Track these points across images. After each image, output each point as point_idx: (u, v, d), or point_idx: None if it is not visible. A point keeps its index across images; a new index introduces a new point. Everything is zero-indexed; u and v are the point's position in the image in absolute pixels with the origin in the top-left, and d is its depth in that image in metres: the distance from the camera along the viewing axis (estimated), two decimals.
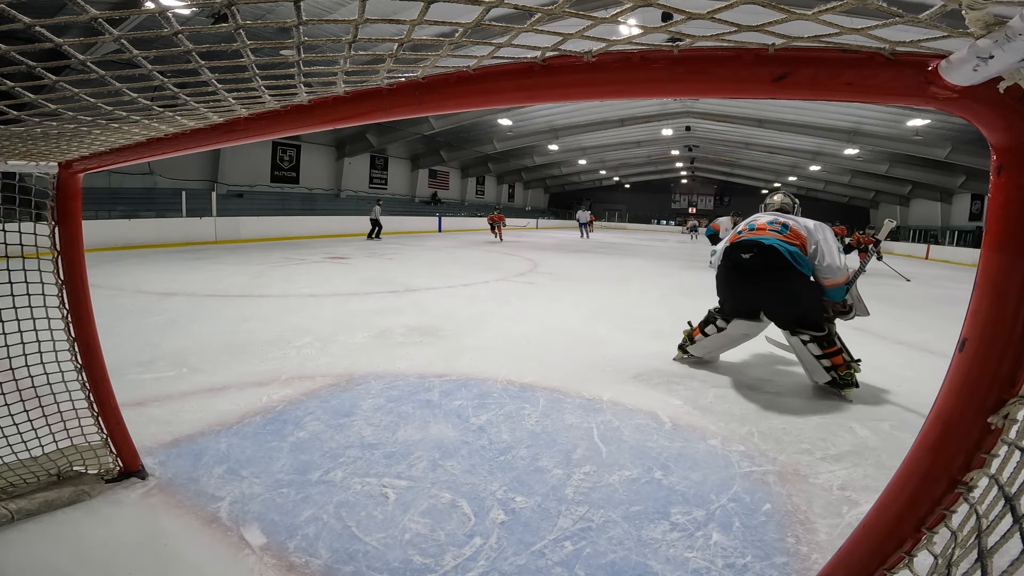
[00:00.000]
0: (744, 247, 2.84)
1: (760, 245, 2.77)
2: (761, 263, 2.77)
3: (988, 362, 0.60)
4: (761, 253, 2.76)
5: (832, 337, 2.77)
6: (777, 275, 2.74)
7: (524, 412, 2.43)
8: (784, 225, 2.87)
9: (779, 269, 2.73)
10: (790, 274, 2.71)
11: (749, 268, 2.81)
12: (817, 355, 2.73)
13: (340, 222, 16.13)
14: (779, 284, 2.74)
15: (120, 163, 1.39)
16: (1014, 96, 0.51)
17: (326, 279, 6.72)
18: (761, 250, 2.76)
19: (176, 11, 0.76)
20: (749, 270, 2.81)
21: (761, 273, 2.78)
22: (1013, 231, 0.57)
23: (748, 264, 2.81)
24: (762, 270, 2.77)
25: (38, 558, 1.34)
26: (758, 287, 2.83)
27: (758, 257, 2.77)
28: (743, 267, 2.83)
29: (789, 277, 2.72)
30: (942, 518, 0.67)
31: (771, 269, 2.74)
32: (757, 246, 2.78)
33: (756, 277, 2.81)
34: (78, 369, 1.63)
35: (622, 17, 0.58)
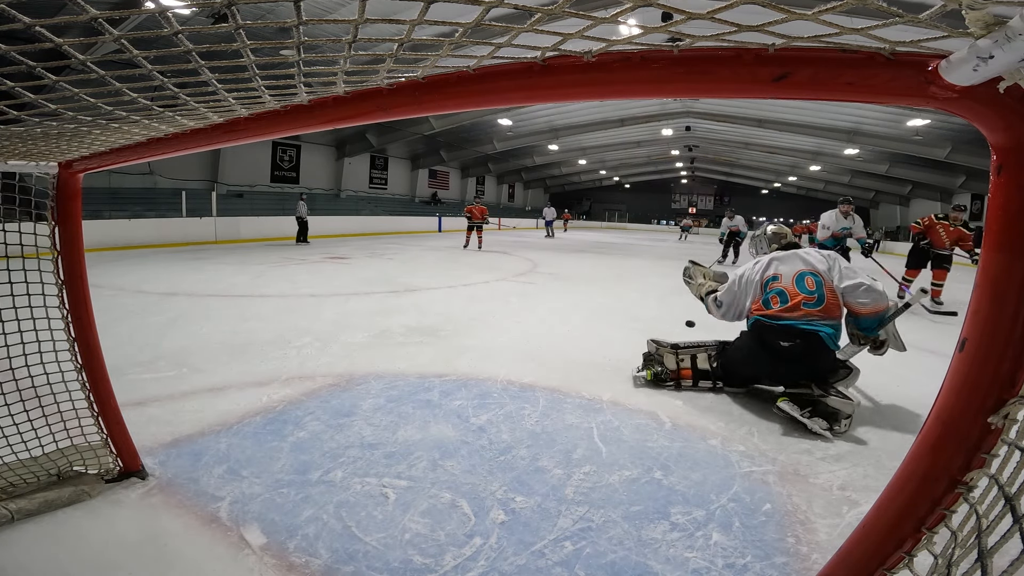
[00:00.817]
0: (783, 334, 2.47)
1: (803, 334, 2.45)
2: (803, 349, 2.45)
3: (988, 362, 0.60)
4: (805, 344, 2.44)
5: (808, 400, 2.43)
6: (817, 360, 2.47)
7: (524, 412, 2.43)
8: (819, 291, 2.50)
9: (819, 353, 2.46)
10: (826, 356, 2.48)
11: (787, 357, 2.47)
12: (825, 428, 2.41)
13: (340, 222, 16.13)
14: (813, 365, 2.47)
15: (120, 163, 1.39)
16: (1014, 96, 0.51)
17: (326, 279, 6.72)
18: (805, 341, 2.44)
19: (176, 11, 0.76)
20: (786, 359, 2.48)
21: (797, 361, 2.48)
22: (1013, 231, 0.57)
23: (787, 353, 2.47)
24: (803, 355, 2.46)
25: (38, 558, 1.34)
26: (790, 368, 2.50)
27: (800, 348, 2.45)
28: (781, 355, 2.48)
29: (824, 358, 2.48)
30: (942, 518, 0.67)
31: (811, 354, 2.46)
32: (800, 335, 2.45)
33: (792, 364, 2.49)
34: (78, 369, 1.63)
35: (622, 17, 0.58)
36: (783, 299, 2.53)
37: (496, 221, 27.98)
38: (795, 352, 2.45)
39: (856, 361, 2.70)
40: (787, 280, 2.56)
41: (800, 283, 2.52)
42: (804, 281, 2.52)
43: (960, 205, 6.39)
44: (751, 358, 2.63)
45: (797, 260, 2.61)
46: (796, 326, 2.46)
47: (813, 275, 2.52)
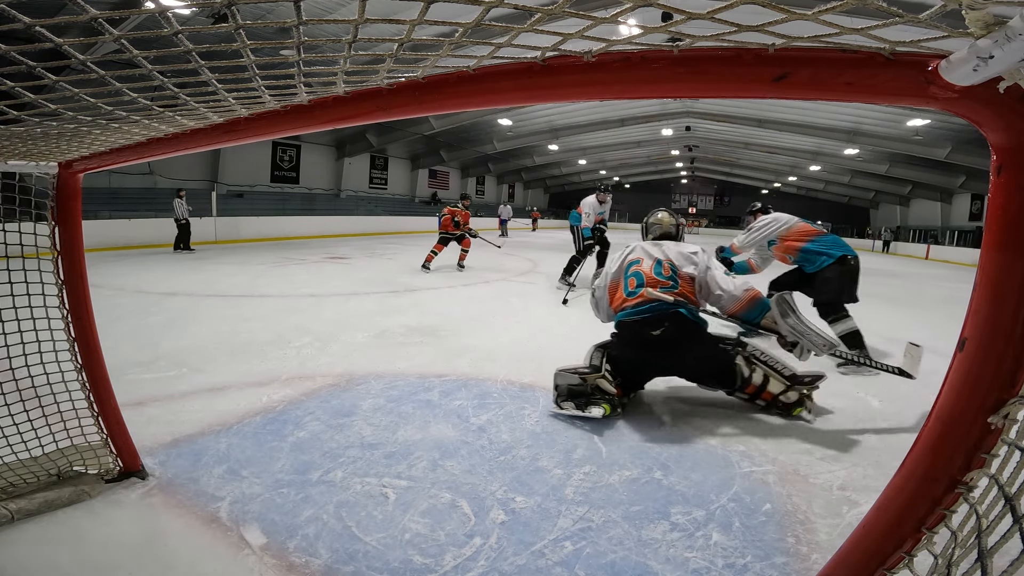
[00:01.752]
0: (649, 324, 2.39)
1: (668, 316, 2.38)
2: (674, 332, 2.37)
3: (988, 362, 0.60)
4: (673, 326, 2.37)
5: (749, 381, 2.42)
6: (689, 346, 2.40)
7: (524, 412, 2.42)
8: (673, 274, 2.50)
9: (689, 338, 2.39)
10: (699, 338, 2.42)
11: (661, 344, 2.39)
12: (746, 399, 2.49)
13: (340, 222, 16.13)
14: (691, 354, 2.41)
15: (120, 163, 1.39)
16: (1014, 96, 0.51)
17: (326, 279, 6.72)
18: (673, 322, 2.38)
19: (176, 11, 0.76)
20: (660, 346, 2.39)
21: (672, 346, 2.39)
22: (1013, 231, 0.57)
23: (660, 341, 2.38)
24: (673, 342, 2.38)
25: (38, 558, 1.34)
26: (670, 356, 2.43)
27: (670, 331, 2.37)
28: (655, 343, 2.39)
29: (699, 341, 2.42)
30: (942, 518, 0.67)
31: (682, 341, 2.39)
32: (667, 318, 2.38)
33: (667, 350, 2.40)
34: (78, 369, 1.63)
35: (622, 17, 0.58)
36: (639, 281, 2.51)
37: (532, 218, 26.76)
38: (668, 337, 2.37)
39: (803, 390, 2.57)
40: (646, 265, 2.56)
41: (657, 271, 2.53)
42: (661, 270, 2.53)
43: None
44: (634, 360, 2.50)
45: (661, 251, 2.61)
46: (656, 309, 2.41)
47: (672, 266, 2.53)
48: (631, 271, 2.57)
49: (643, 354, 2.47)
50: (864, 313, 5.89)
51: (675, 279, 2.50)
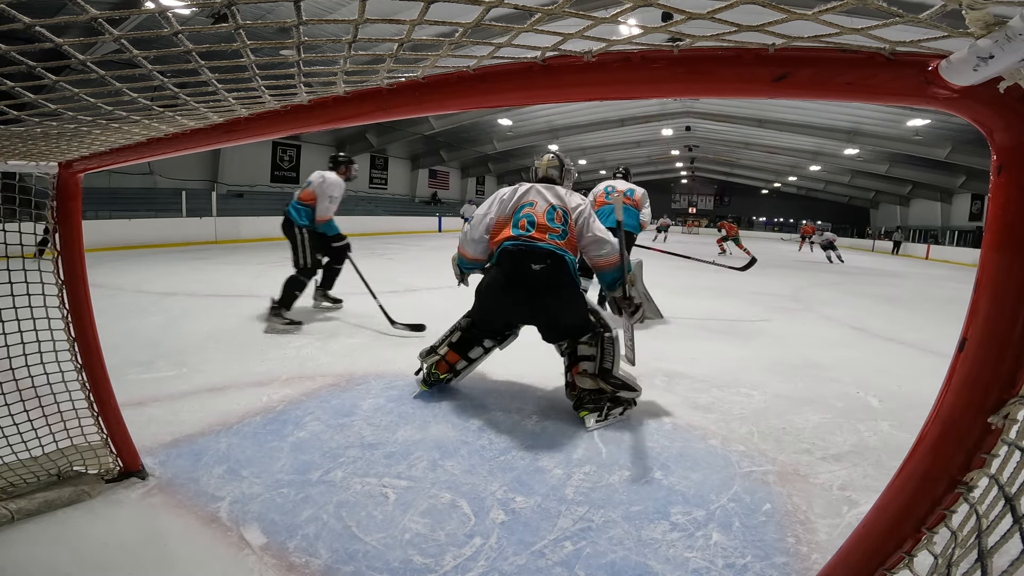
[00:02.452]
0: (534, 256, 2.30)
1: (553, 256, 2.31)
2: (552, 278, 2.31)
3: (988, 362, 0.60)
4: (554, 266, 2.30)
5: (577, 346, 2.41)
6: (562, 295, 2.35)
7: (524, 412, 2.43)
8: (564, 222, 2.41)
9: (564, 287, 2.34)
10: (570, 292, 2.37)
11: (538, 282, 2.31)
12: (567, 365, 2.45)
13: (340, 222, 16.07)
14: (560, 305, 2.37)
15: (120, 163, 1.39)
16: (1014, 96, 0.51)
17: None
18: (555, 262, 2.30)
19: (176, 11, 0.76)
20: (537, 284, 2.31)
21: (546, 289, 2.32)
22: (1013, 231, 0.57)
23: (539, 277, 2.30)
24: (548, 286, 2.32)
25: (38, 558, 1.34)
26: (540, 304, 2.37)
27: (551, 270, 2.30)
28: (533, 280, 2.30)
29: (569, 296, 2.37)
30: (942, 518, 0.67)
31: (557, 287, 2.33)
32: (550, 256, 2.30)
33: (540, 293, 2.33)
34: (78, 369, 1.63)
35: (622, 17, 0.58)
36: (531, 224, 2.40)
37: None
38: (545, 276, 2.30)
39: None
40: (539, 210, 2.43)
41: (550, 216, 2.41)
42: (554, 216, 2.41)
43: None
44: (498, 291, 2.42)
45: (553, 196, 2.49)
46: (545, 247, 2.33)
47: (564, 212, 2.44)
48: (523, 212, 2.44)
49: (514, 291, 2.37)
50: (865, 312, 5.91)
51: (565, 228, 2.41)
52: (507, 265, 2.37)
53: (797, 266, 12.45)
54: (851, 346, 4.17)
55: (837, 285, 8.79)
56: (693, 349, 3.69)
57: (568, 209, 2.45)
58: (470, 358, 2.64)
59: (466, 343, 2.64)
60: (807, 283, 8.77)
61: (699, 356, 3.48)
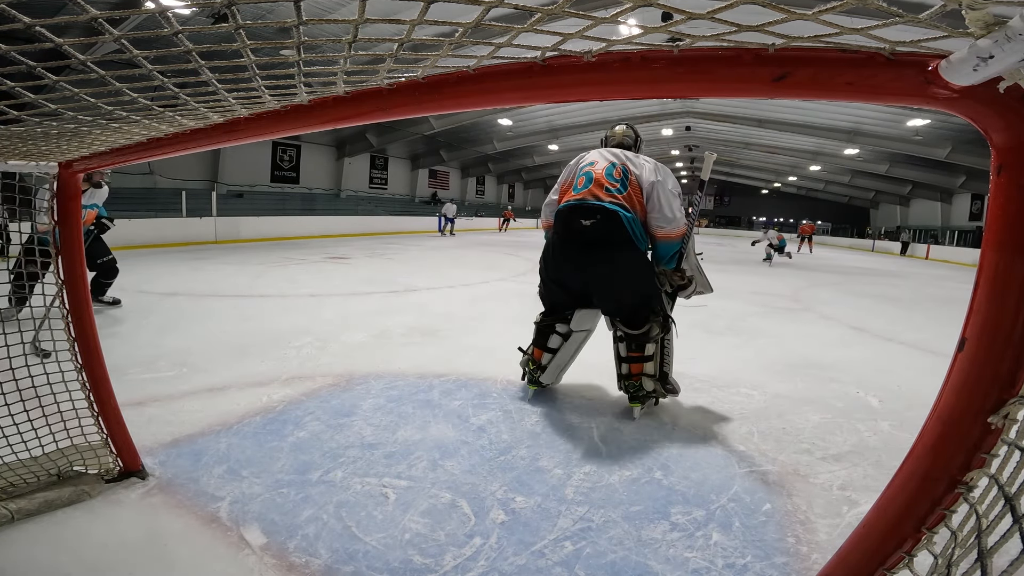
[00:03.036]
0: (583, 211, 2.26)
1: (604, 211, 2.24)
2: (603, 233, 2.24)
3: (988, 362, 0.60)
4: (605, 221, 2.23)
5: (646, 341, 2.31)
6: (614, 253, 2.26)
7: (524, 412, 2.43)
8: (624, 178, 2.33)
9: (617, 245, 2.25)
10: (627, 254, 2.27)
11: (588, 239, 2.27)
12: (622, 356, 2.37)
13: (340, 222, 16.13)
14: (614, 264, 2.27)
15: (120, 163, 1.39)
16: (1014, 96, 0.51)
17: (326, 279, 6.71)
18: (605, 217, 2.23)
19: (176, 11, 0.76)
20: (587, 240, 2.27)
21: (598, 247, 2.26)
22: (1013, 231, 0.57)
23: (588, 233, 2.26)
24: (600, 243, 2.25)
25: (38, 558, 1.34)
26: (592, 263, 2.31)
27: (601, 225, 2.24)
28: (582, 236, 2.27)
29: (626, 258, 2.27)
30: (942, 518, 0.67)
31: (610, 245, 2.25)
32: (600, 211, 2.24)
33: (592, 251, 2.28)
34: (78, 369, 1.63)
35: (622, 17, 0.58)
36: (588, 180, 2.37)
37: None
38: (596, 232, 2.24)
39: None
40: (599, 168, 2.40)
41: (608, 173, 2.36)
42: (613, 172, 2.36)
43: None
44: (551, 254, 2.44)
45: (614, 156, 2.44)
46: (595, 203, 2.28)
47: (624, 169, 2.37)
48: (583, 170, 2.43)
49: (565, 251, 2.37)
50: (865, 312, 5.91)
51: (624, 183, 2.33)
52: (559, 225, 2.39)
53: (797, 266, 12.45)
54: (851, 346, 4.17)
55: (837, 285, 8.80)
56: (693, 349, 3.69)
57: (629, 167, 2.36)
58: (550, 348, 2.57)
59: (542, 335, 2.59)
60: (807, 283, 8.77)
61: (699, 356, 3.48)
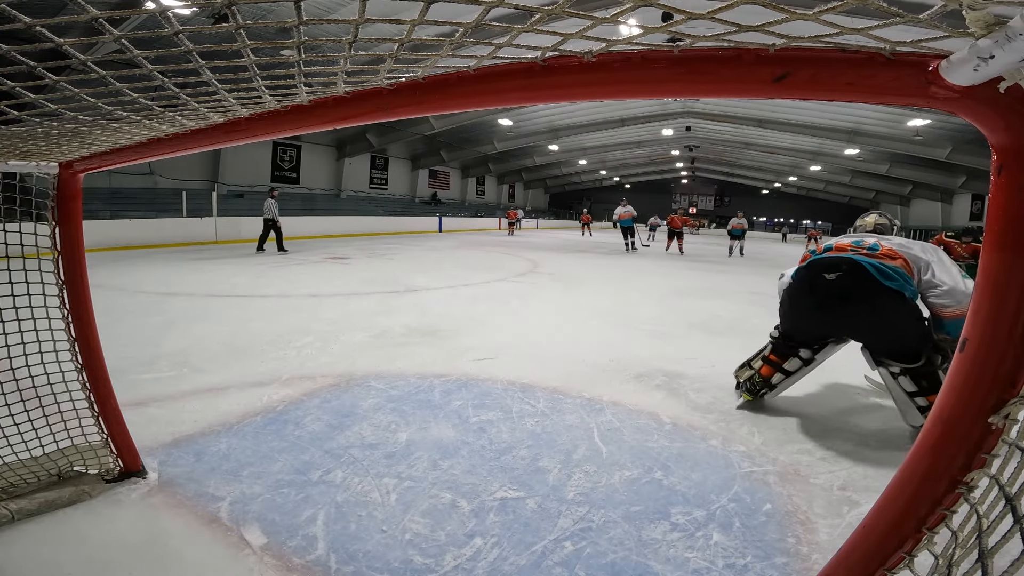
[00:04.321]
0: (827, 265, 2.30)
1: (849, 262, 2.25)
2: (850, 283, 2.22)
3: (988, 362, 0.60)
4: (851, 273, 2.23)
5: (934, 372, 2.16)
6: (868, 297, 2.20)
7: (524, 412, 2.43)
8: (874, 245, 2.34)
9: (871, 289, 2.19)
10: (884, 295, 2.18)
11: (835, 292, 2.26)
12: (910, 391, 2.16)
13: (340, 222, 16.13)
14: (871, 307, 2.20)
15: (120, 163, 1.39)
16: (1014, 96, 0.51)
17: (326, 279, 6.72)
18: (851, 268, 2.23)
19: (176, 11, 0.76)
20: (835, 293, 2.27)
21: (850, 296, 2.24)
22: (1013, 231, 0.57)
23: (834, 286, 2.26)
24: (851, 292, 2.23)
25: (38, 558, 1.34)
26: (846, 312, 2.27)
27: (847, 277, 2.23)
28: (827, 289, 2.28)
29: (883, 298, 2.18)
30: (943, 518, 0.67)
31: (862, 291, 2.21)
32: (846, 263, 2.26)
33: (844, 301, 2.26)
34: (78, 369, 1.63)
35: (622, 17, 0.58)
36: (828, 248, 2.44)
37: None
38: (843, 286, 2.23)
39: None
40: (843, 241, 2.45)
41: (856, 243, 2.39)
42: (861, 243, 2.37)
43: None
44: (796, 303, 2.43)
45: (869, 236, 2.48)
46: (840, 257, 2.29)
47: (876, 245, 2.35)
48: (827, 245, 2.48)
49: (813, 300, 2.34)
50: None
51: (876, 247, 2.32)
52: (798, 282, 2.45)
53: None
54: (851, 345, 4.16)
55: None
56: (693, 349, 3.69)
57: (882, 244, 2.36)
58: (786, 371, 2.54)
59: (780, 355, 2.56)
60: None
61: (699, 356, 3.48)
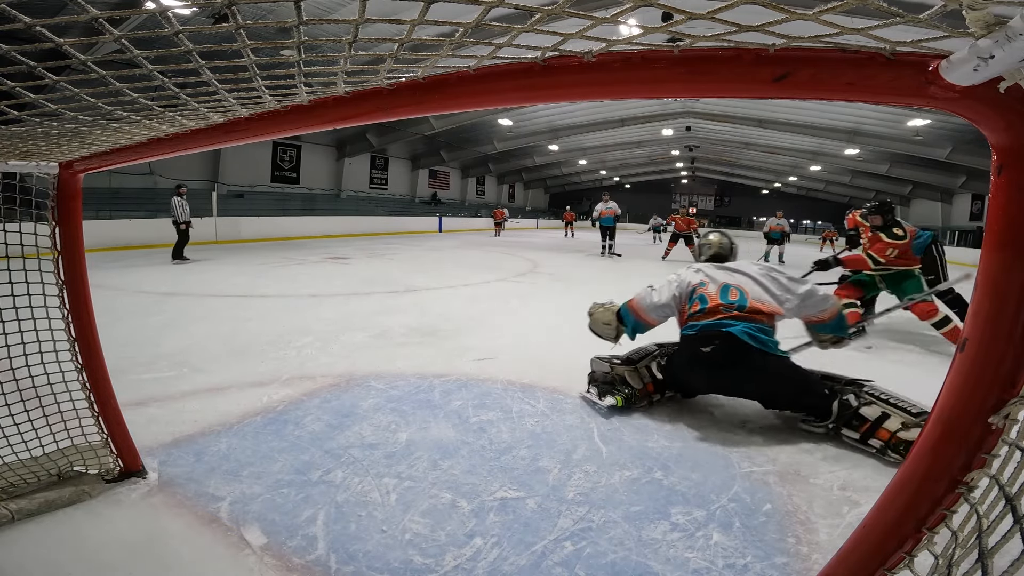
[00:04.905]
0: (702, 340, 2.41)
1: (722, 335, 2.36)
2: (724, 353, 2.35)
3: (988, 362, 0.60)
4: (725, 342, 2.34)
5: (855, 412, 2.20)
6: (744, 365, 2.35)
7: (524, 412, 2.42)
8: (741, 299, 2.46)
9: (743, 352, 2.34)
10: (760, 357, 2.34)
11: (715, 363, 2.38)
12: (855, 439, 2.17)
13: (340, 222, 16.13)
14: (751, 370, 2.34)
15: (120, 163, 1.39)
16: (1014, 96, 0.51)
17: (326, 279, 6.72)
18: (724, 341, 2.35)
19: (176, 11, 0.76)
20: (716, 364, 2.39)
21: (727, 366, 2.38)
22: (1013, 231, 0.57)
23: (713, 358, 2.37)
24: (728, 363, 2.37)
25: (39, 558, 1.34)
26: (727, 378, 2.43)
27: (722, 348, 2.35)
28: (708, 360, 2.39)
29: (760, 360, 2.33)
30: (943, 518, 0.67)
31: (740, 357, 2.35)
32: (718, 337, 2.37)
33: (723, 370, 2.40)
34: (78, 369, 1.63)
35: (622, 17, 0.58)
36: (702, 303, 2.49)
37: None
38: (718, 356, 2.35)
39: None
40: (712, 288, 2.53)
41: (724, 294, 2.49)
42: (728, 293, 2.49)
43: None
44: (687, 369, 2.54)
45: (728, 274, 2.58)
46: (711, 327, 2.40)
47: (739, 290, 2.49)
48: (695, 295, 2.55)
49: (697, 370, 2.47)
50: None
51: (743, 303, 2.44)
52: (686, 347, 2.52)
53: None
54: (851, 346, 4.16)
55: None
56: None
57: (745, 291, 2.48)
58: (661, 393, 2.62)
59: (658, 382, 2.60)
60: None
61: None
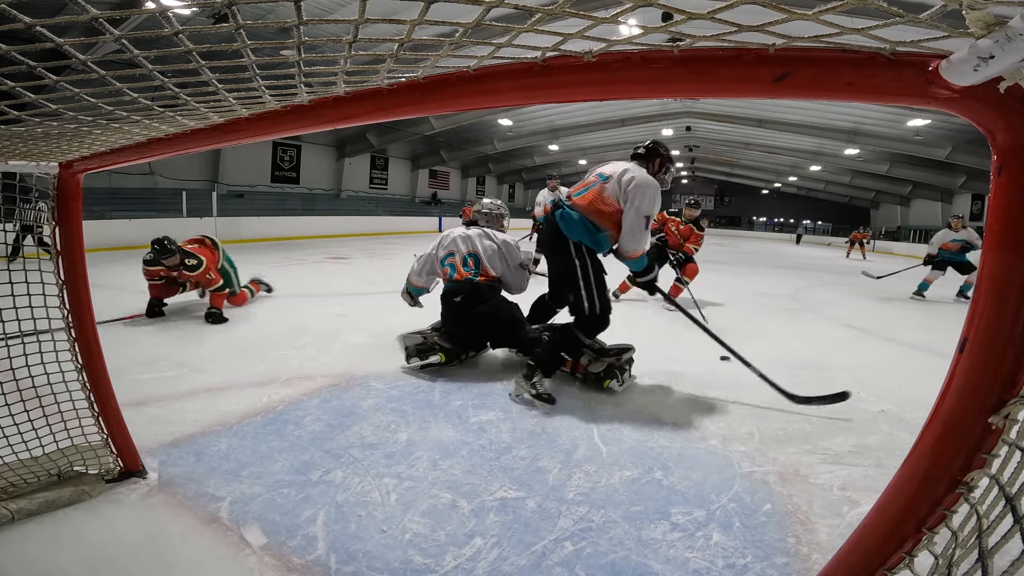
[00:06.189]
0: (454, 292, 3.05)
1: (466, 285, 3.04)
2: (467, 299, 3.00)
3: (988, 362, 0.60)
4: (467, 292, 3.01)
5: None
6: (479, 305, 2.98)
7: (524, 412, 2.43)
8: (476, 269, 3.08)
9: (480, 294, 3.00)
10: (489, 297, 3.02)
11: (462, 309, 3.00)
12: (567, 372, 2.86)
13: (340, 222, 16.11)
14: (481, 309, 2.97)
15: (120, 163, 1.39)
16: (1015, 96, 0.51)
17: (326, 279, 6.72)
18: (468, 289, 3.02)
19: (176, 11, 0.76)
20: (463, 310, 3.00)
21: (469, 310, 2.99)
22: (1014, 231, 0.57)
23: (461, 306, 3.00)
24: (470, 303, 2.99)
25: (39, 558, 1.34)
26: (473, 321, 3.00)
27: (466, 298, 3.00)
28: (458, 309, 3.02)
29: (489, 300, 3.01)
30: (943, 518, 0.67)
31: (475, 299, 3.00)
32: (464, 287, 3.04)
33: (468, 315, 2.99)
34: (78, 369, 1.63)
35: (622, 17, 0.58)
36: (452, 271, 3.14)
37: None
38: (465, 304, 2.98)
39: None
40: (458, 258, 3.14)
41: (465, 264, 3.11)
42: (467, 263, 3.11)
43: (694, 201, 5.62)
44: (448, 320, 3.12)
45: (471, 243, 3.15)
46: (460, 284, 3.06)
47: (475, 259, 3.09)
48: (447, 263, 3.18)
49: (455, 320, 3.07)
50: (865, 313, 5.91)
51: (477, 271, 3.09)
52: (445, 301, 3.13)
53: (798, 266, 12.45)
54: (851, 346, 4.17)
55: (838, 285, 8.79)
56: (693, 349, 3.69)
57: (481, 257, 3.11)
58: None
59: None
60: (807, 283, 8.77)
61: (699, 355, 3.48)
